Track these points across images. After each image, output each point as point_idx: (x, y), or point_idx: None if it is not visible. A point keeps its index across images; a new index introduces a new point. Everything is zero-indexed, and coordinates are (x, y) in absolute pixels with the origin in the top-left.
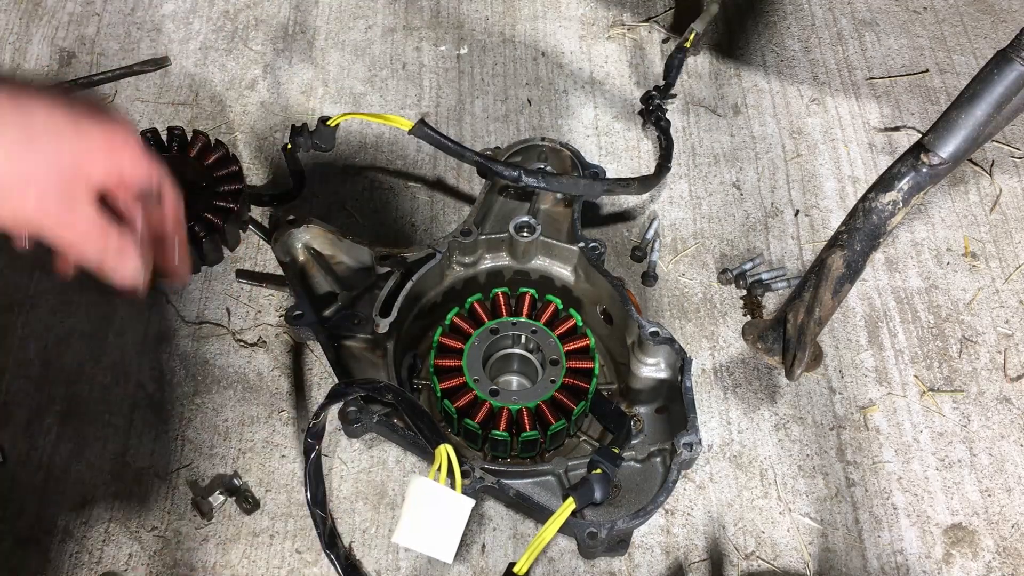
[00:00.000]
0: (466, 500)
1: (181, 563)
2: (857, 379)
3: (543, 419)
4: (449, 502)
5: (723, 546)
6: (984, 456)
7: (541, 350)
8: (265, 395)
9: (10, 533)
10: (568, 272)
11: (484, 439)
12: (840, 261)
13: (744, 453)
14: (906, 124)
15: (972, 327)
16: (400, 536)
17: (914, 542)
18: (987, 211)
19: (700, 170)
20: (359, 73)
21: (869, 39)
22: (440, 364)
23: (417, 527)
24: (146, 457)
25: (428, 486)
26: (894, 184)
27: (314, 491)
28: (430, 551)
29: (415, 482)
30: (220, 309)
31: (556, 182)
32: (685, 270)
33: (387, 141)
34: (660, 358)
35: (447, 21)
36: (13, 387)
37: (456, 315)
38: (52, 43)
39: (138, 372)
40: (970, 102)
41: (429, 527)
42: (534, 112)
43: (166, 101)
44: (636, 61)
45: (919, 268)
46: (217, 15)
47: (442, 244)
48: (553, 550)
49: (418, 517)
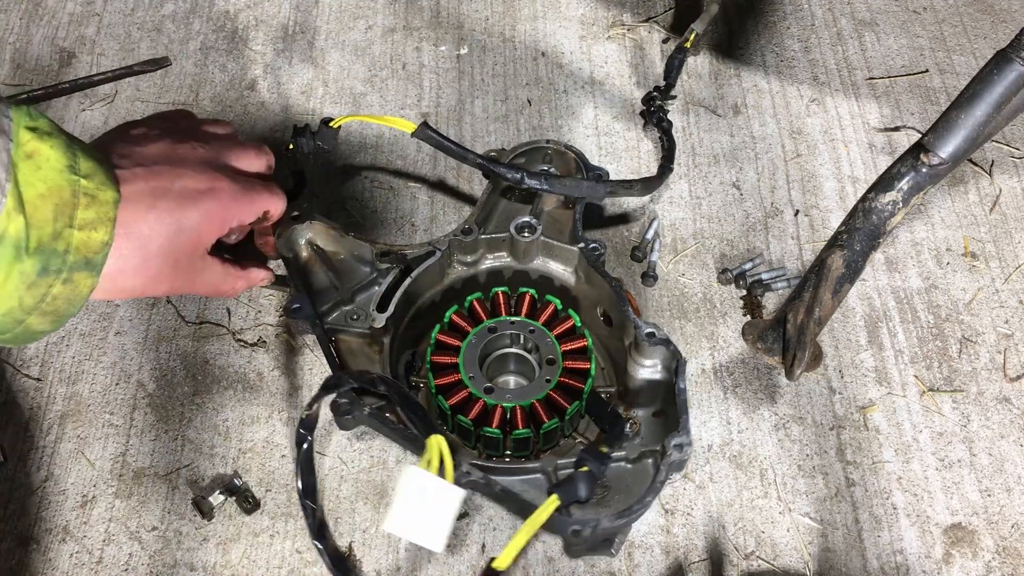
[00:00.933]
0: (457, 490)
1: (181, 563)
2: (857, 379)
3: (536, 418)
4: (440, 492)
5: (723, 546)
6: (984, 456)
7: (538, 350)
8: (265, 395)
9: (10, 533)
10: (568, 273)
11: (477, 436)
12: (840, 261)
13: (744, 453)
14: (906, 124)
15: (972, 327)
16: (390, 524)
17: (914, 542)
18: (987, 211)
19: (700, 170)
20: (359, 73)
21: (869, 39)
22: (436, 361)
23: (407, 516)
24: (146, 457)
25: (419, 476)
26: (894, 184)
27: (305, 482)
28: (420, 540)
29: (406, 472)
30: (220, 309)
31: (559, 184)
32: (685, 270)
33: (387, 141)
34: (657, 359)
35: (447, 21)
36: (13, 387)
37: (455, 313)
38: (52, 43)
39: (138, 372)
40: (970, 102)
41: (419, 517)
42: (534, 112)
43: (166, 101)
44: (636, 61)
45: (919, 268)
46: (217, 15)
47: (443, 242)
48: (553, 550)
49: (409, 506)
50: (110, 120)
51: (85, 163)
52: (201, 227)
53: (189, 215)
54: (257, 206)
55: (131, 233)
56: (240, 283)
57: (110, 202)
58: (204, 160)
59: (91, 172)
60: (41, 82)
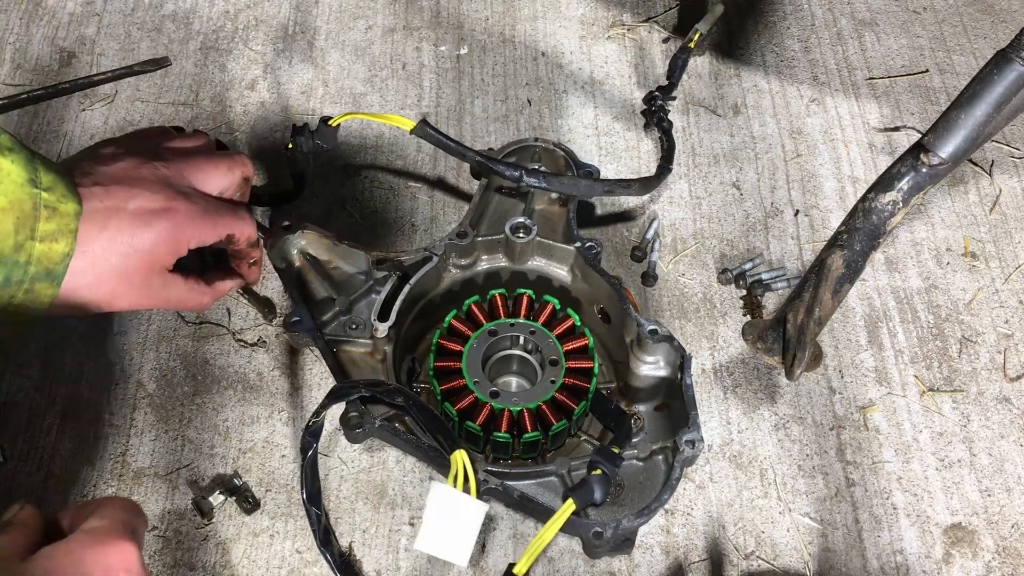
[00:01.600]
0: (481, 504)
1: (181, 563)
2: (857, 379)
3: (544, 420)
4: (465, 507)
5: (723, 546)
6: (984, 456)
7: (540, 350)
8: (265, 395)
9: None
10: (565, 272)
11: (486, 441)
12: (840, 261)
13: (744, 453)
14: (906, 124)
15: (972, 327)
16: (421, 543)
17: (914, 542)
18: (987, 211)
19: (700, 170)
20: (359, 73)
21: (869, 39)
22: (440, 366)
23: (436, 533)
24: (146, 457)
25: (447, 493)
26: (894, 184)
27: (310, 488)
28: (447, 556)
29: (435, 489)
30: (220, 309)
31: (557, 182)
32: (685, 270)
33: (387, 141)
34: (659, 356)
35: (447, 21)
36: (13, 387)
37: (454, 317)
38: (52, 43)
39: (138, 372)
40: (970, 102)
41: (447, 533)
42: (534, 112)
43: (166, 101)
44: (636, 61)
45: (919, 268)
46: (217, 15)
47: (438, 246)
48: (553, 550)
49: (437, 523)
50: (110, 120)
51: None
52: (155, 248)
53: (141, 235)
54: (219, 229)
55: (84, 251)
56: (206, 299)
57: (71, 214)
58: (164, 180)
59: (52, 185)
60: (41, 82)
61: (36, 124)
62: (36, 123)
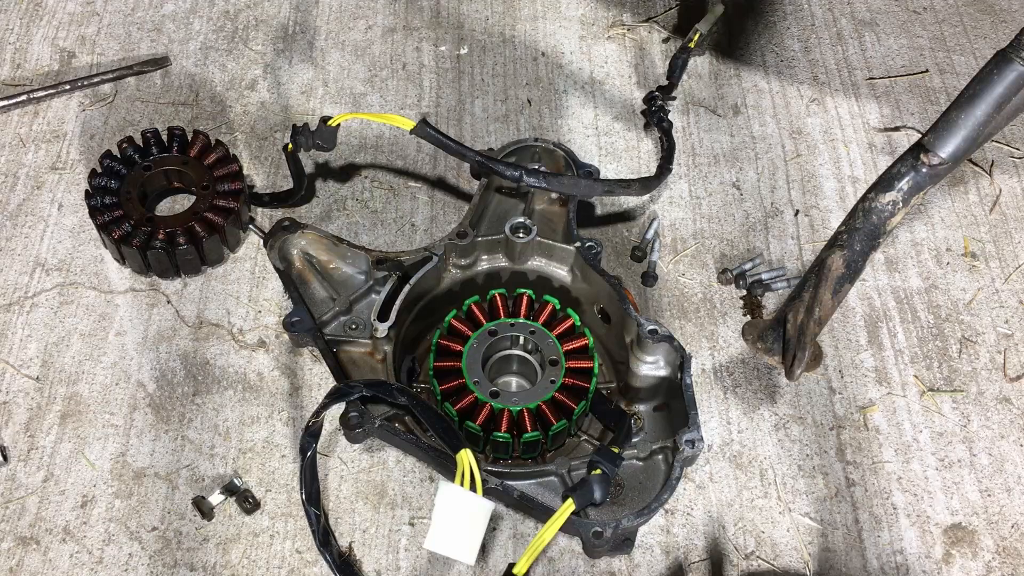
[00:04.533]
0: (487, 503)
1: (181, 563)
2: (857, 379)
3: (544, 420)
4: (473, 506)
5: (723, 546)
6: (984, 456)
7: (540, 350)
8: (265, 395)
9: (10, 533)
10: (565, 272)
11: (486, 441)
12: (840, 261)
13: (744, 453)
14: (906, 124)
15: (972, 327)
16: (431, 542)
17: (914, 542)
18: (987, 211)
19: (700, 170)
20: (359, 73)
21: (869, 39)
22: (440, 366)
23: (445, 533)
24: (146, 457)
25: (454, 492)
26: (894, 184)
27: (309, 489)
28: (456, 555)
29: (443, 489)
30: (220, 309)
31: (557, 182)
32: (685, 270)
33: (387, 141)
34: (659, 356)
35: (447, 21)
36: (13, 387)
37: (454, 317)
38: (52, 43)
39: (138, 372)
40: (970, 102)
41: (455, 532)
42: (534, 112)
43: (166, 101)
44: (636, 61)
45: (919, 268)
46: (217, 15)
47: (438, 247)
48: (553, 550)
49: (446, 523)
50: (110, 120)
51: None
52: None
53: None
54: None
55: None
56: None
57: None
58: None
59: None
60: (41, 82)
61: (36, 124)
62: (36, 123)
